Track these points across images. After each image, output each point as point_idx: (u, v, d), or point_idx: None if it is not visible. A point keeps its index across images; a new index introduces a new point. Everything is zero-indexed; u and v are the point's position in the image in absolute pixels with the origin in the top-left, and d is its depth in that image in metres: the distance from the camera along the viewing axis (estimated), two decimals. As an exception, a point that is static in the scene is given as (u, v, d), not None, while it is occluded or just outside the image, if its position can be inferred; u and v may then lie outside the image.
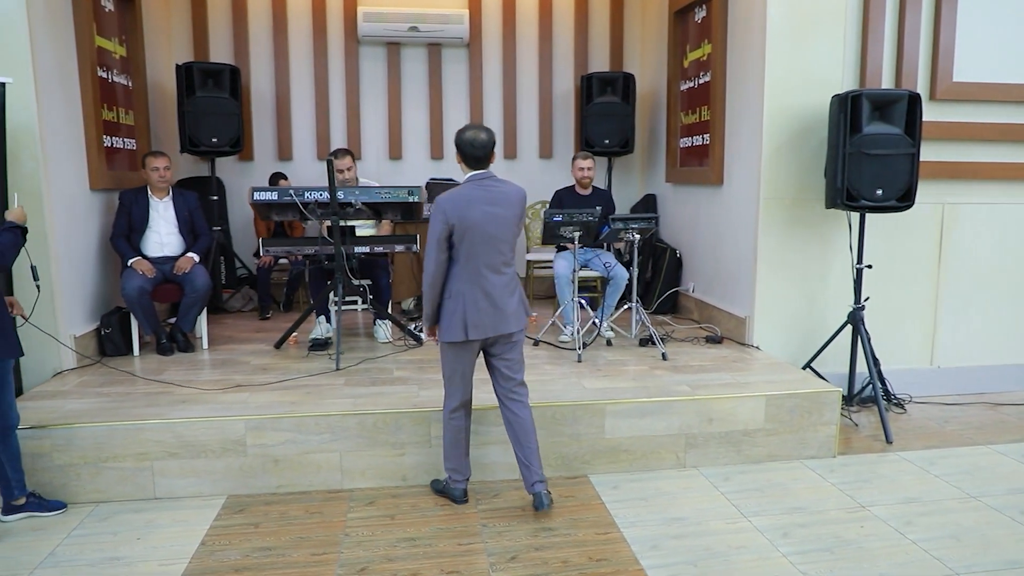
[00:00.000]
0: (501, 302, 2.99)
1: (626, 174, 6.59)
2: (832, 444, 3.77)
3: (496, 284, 2.97)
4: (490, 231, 2.92)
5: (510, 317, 3.01)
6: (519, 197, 3.02)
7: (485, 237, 2.91)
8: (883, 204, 4.05)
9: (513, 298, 3.03)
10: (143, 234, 4.50)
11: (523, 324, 3.09)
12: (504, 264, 3.01)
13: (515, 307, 3.03)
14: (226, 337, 4.95)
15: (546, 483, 3.10)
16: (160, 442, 3.26)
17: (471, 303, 2.93)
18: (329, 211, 4.02)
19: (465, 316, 2.92)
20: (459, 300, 2.93)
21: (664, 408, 3.58)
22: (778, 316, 4.57)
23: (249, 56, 6.07)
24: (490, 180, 2.98)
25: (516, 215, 3.01)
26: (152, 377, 3.94)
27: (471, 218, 2.87)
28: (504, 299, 3.00)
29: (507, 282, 3.02)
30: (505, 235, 2.97)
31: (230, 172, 6.13)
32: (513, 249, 3.05)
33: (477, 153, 2.94)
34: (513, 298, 3.03)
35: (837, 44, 4.38)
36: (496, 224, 2.93)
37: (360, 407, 3.45)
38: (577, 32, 6.44)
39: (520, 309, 3.07)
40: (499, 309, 2.97)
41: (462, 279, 2.94)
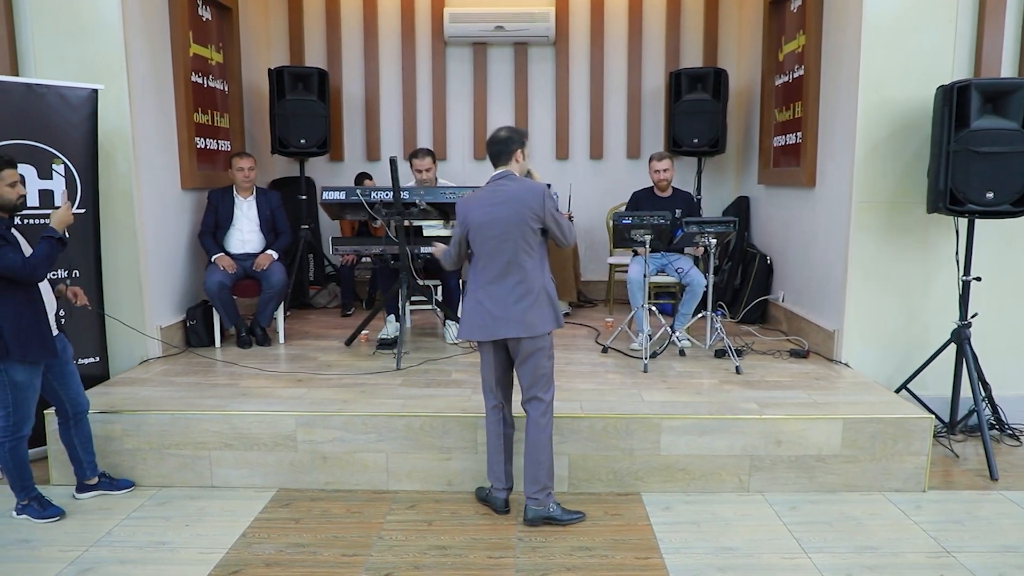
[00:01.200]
0: (502, 304, 2.90)
1: (719, 175, 6.25)
2: (922, 477, 3.38)
3: (500, 286, 2.90)
4: (492, 232, 2.87)
5: (512, 322, 2.89)
6: (532, 194, 2.88)
7: (487, 238, 2.90)
8: (994, 209, 3.58)
9: (522, 303, 2.88)
10: (227, 231, 4.72)
11: (532, 332, 2.90)
12: (511, 265, 2.88)
13: (522, 313, 2.88)
14: (304, 332, 5.11)
15: (541, 501, 2.98)
16: (217, 433, 3.38)
17: (474, 303, 2.97)
18: (393, 211, 4.04)
19: (471, 315, 2.98)
20: (469, 299, 3.01)
21: (726, 426, 3.33)
22: (872, 331, 4.16)
23: (341, 59, 6.25)
24: (503, 180, 2.93)
25: (522, 214, 2.86)
26: (224, 360, 4.12)
27: (473, 219, 2.92)
28: (506, 302, 2.90)
29: (514, 285, 2.89)
30: (510, 235, 2.85)
31: (321, 172, 6.34)
32: (528, 251, 2.88)
33: (490, 152, 3.00)
34: (522, 303, 2.88)
35: (947, 30, 3.93)
36: (498, 225, 2.87)
37: (409, 408, 3.43)
38: (669, 27, 6.17)
39: (533, 316, 2.90)
40: (499, 311, 2.89)
41: (473, 279, 3.01)
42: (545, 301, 2.93)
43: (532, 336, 2.90)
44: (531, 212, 2.87)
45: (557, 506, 3.02)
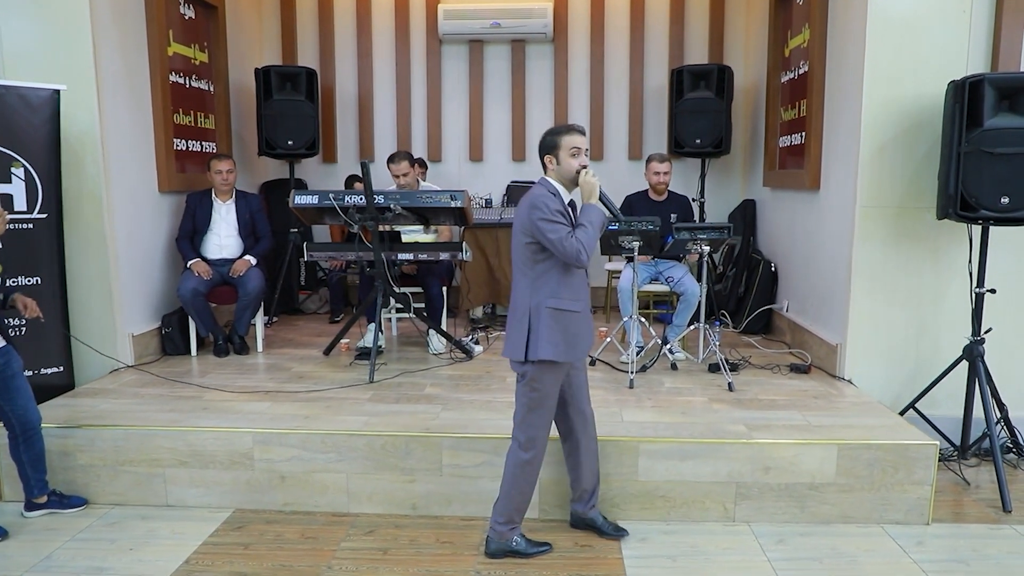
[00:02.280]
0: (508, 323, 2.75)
1: (724, 177, 5.97)
2: (925, 509, 3.09)
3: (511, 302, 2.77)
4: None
5: (506, 341, 2.73)
6: (522, 205, 2.65)
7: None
8: (1010, 215, 3.28)
9: (510, 322, 2.72)
10: (205, 236, 4.57)
11: (512, 356, 2.68)
12: (514, 281, 2.74)
13: (511, 333, 2.70)
14: (287, 340, 4.95)
15: (503, 534, 2.79)
16: (172, 450, 3.22)
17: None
18: (366, 216, 3.85)
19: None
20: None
21: (710, 451, 3.09)
22: (877, 345, 3.88)
23: (334, 58, 6.09)
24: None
25: (516, 228, 2.67)
26: (198, 370, 3.97)
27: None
28: (509, 320, 2.74)
29: (514, 304, 2.71)
30: (513, 250, 2.71)
31: (314, 174, 6.19)
32: (521, 267, 2.67)
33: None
34: (510, 322, 2.72)
35: (961, 21, 3.63)
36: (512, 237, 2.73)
37: (371, 426, 3.24)
38: (672, 22, 5.91)
39: (510, 338, 2.69)
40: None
41: None
42: (523, 326, 2.61)
43: (510, 359, 2.72)
44: (521, 225, 2.63)
45: (522, 539, 2.81)
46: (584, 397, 2.84)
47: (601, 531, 2.95)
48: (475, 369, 4.20)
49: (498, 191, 6.01)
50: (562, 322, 2.61)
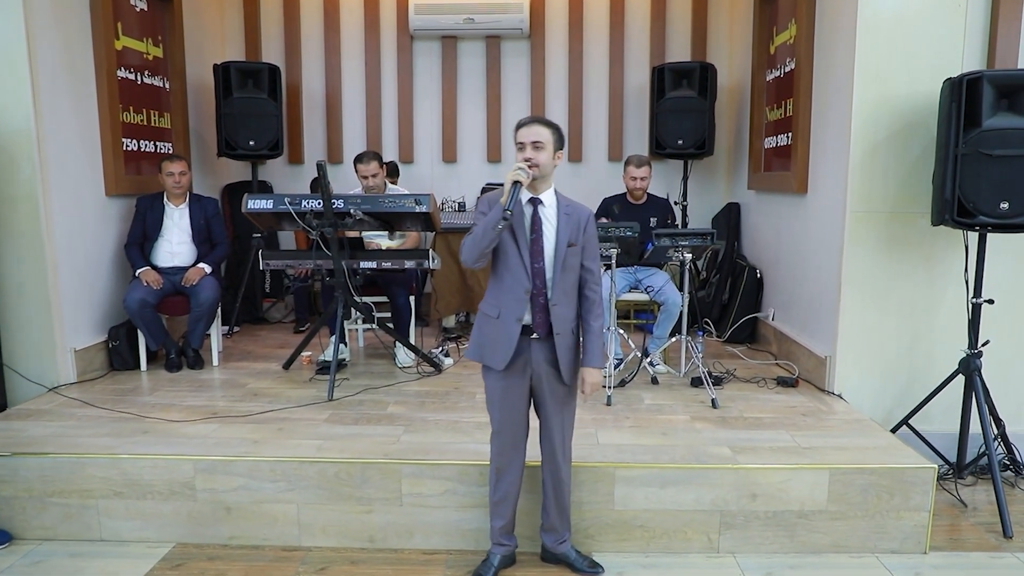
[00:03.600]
0: None
1: (708, 180, 5.76)
2: (923, 537, 2.88)
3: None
4: None
5: None
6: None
7: None
8: (1009, 221, 3.07)
9: None
10: (155, 242, 4.28)
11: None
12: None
13: None
14: (246, 352, 4.66)
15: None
16: (105, 479, 2.94)
17: None
18: (324, 222, 3.59)
19: None
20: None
21: (692, 477, 2.85)
22: (868, 358, 3.67)
23: (300, 54, 5.81)
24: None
25: None
26: (147, 386, 3.68)
27: None
28: None
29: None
30: None
31: (280, 175, 5.91)
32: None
33: None
34: None
35: (956, 16, 3.43)
36: None
37: (325, 451, 2.98)
38: (654, 18, 5.68)
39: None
40: None
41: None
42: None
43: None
44: None
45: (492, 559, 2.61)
46: (555, 424, 2.58)
47: (574, 567, 2.70)
48: (443, 384, 3.95)
49: (472, 193, 5.76)
50: (482, 326, 2.53)
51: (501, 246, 2.43)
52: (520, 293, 2.42)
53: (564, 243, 2.42)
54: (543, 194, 2.46)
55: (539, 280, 2.44)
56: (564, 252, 2.42)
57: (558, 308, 2.45)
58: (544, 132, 2.40)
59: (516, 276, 2.42)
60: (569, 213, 2.46)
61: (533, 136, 2.39)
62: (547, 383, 2.52)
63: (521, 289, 2.42)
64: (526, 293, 2.42)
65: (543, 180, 2.44)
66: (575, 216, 2.47)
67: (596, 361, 2.52)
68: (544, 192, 2.46)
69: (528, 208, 2.45)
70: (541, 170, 2.39)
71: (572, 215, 2.46)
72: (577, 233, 2.45)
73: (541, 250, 2.43)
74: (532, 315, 2.46)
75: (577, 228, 2.45)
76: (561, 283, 2.43)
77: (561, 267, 2.42)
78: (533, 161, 2.37)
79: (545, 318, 2.45)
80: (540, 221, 2.44)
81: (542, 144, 2.39)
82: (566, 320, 2.47)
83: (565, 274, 2.44)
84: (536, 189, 2.44)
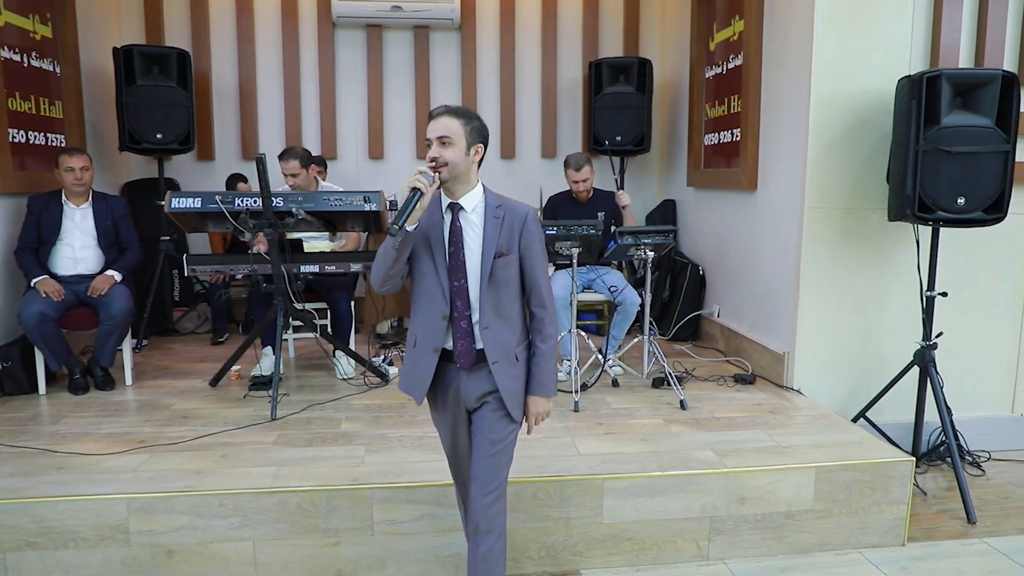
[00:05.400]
0: None
1: (641, 177, 5.73)
2: (901, 529, 2.90)
3: None
4: None
5: None
6: None
7: None
8: (965, 216, 3.16)
9: None
10: (54, 247, 3.75)
11: None
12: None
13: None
14: (162, 369, 4.18)
15: None
16: (15, 528, 2.48)
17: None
18: (263, 222, 3.23)
19: None
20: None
21: (682, 484, 2.74)
22: (825, 352, 3.70)
23: (209, 41, 5.31)
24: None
25: None
26: (49, 413, 3.18)
27: None
28: None
29: None
30: None
31: (188, 173, 5.38)
32: None
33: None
34: None
35: (903, 17, 3.50)
36: None
37: (282, 480, 2.64)
38: (586, 12, 5.59)
39: None
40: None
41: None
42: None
43: None
44: None
45: None
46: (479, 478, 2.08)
47: None
48: (393, 396, 3.66)
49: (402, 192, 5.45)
50: (406, 354, 2.17)
51: (415, 264, 2.04)
52: (436, 319, 2.03)
53: (491, 253, 1.99)
54: (464, 197, 2.00)
55: (460, 301, 2.01)
56: (491, 264, 1.99)
57: (492, 332, 2.01)
58: (453, 124, 1.95)
59: (432, 299, 2.03)
60: (500, 216, 2.01)
61: (439, 130, 1.95)
62: (482, 415, 2.09)
63: (437, 314, 2.02)
64: (443, 319, 2.02)
65: (460, 180, 1.98)
66: (509, 219, 2.02)
67: (544, 388, 2.09)
68: (465, 195, 2.00)
69: (446, 216, 2.02)
70: (451, 170, 1.94)
71: (505, 218, 2.01)
72: (510, 239, 2.01)
73: (462, 265, 2.00)
74: (454, 342, 2.04)
75: (510, 233, 2.01)
76: (492, 301, 2.00)
77: (489, 283, 1.99)
78: (440, 160, 1.93)
79: (469, 345, 2.02)
80: (460, 231, 2.00)
81: (450, 139, 1.94)
82: (505, 345, 2.04)
83: (497, 290, 2.00)
84: (453, 192, 1.99)
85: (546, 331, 2.09)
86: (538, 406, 2.13)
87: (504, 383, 2.04)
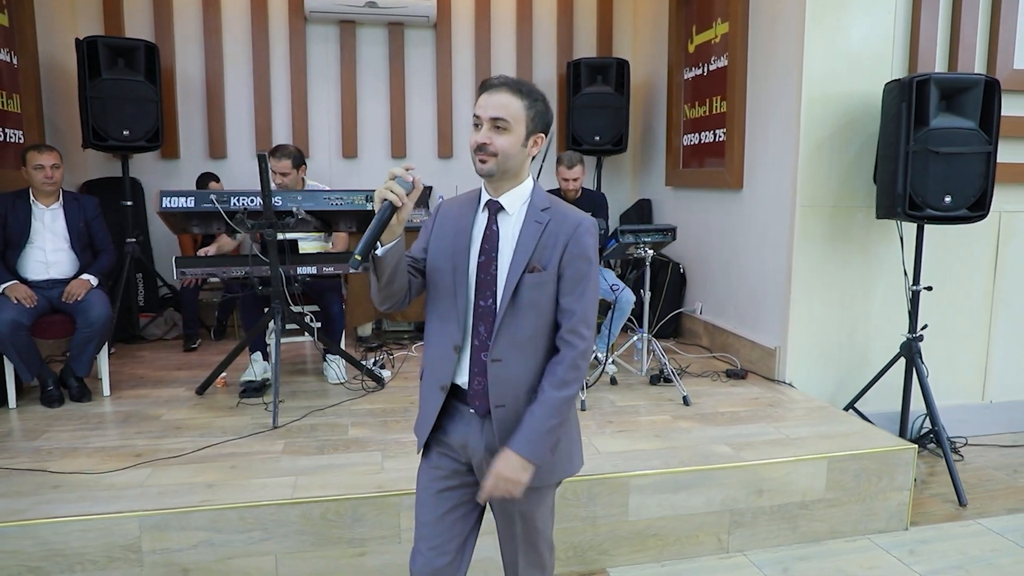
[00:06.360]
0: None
1: (615, 176, 5.79)
2: (904, 514, 3.02)
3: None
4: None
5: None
6: None
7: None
8: (952, 214, 3.31)
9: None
10: (23, 251, 3.51)
11: None
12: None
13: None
14: (137, 378, 3.97)
15: None
16: (16, 553, 2.30)
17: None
18: (263, 222, 3.10)
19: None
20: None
21: (703, 478, 2.77)
22: (815, 347, 3.82)
23: (173, 33, 5.08)
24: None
25: None
26: (23, 429, 2.97)
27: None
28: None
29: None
30: None
31: (151, 172, 5.13)
32: None
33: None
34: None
35: (885, 23, 3.64)
36: None
37: (303, 489, 2.55)
38: (560, 13, 5.61)
39: None
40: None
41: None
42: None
43: None
44: None
45: None
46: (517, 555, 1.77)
47: None
48: (394, 400, 3.58)
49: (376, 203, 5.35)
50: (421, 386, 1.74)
51: (432, 276, 1.65)
52: (446, 348, 1.62)
53: (521, 266, 1.57)
54: (507, 195, 1.61)
55: (485, 327, 1.60)
56: (518, 280, 1.57)
57: (503, 367, 1.59)
58: (514, 105, 1.54)
59: (445, 322, 1.63)
60: (543, 221, 1.59)
61: (495, 109, 1.53)
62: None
63: (448, 343, 1.62)
64: (455, 350, 1.61)
65: (509, 176, 1.59)
66: (555, 225, 1.59)
67: (528, 447, 1.56)
68: (509, 192, 1.61)
69: (481, 215, 1.64)
70: (501, 163, 1.55)
71: (549, 224, 1.59)
72: (550, 252, 1.58)
73: (494, 280, 1.59)
74: (469, 378, 1.62)
75: (552, 244, 1.58)
76: (511, 328, 1.58)
77: (511, 303, 1.58)
78: (489, 148, 1.54)
79: (485, 383, 1.61)
80: (497, 235, 1.61)
81: (507, 123, 1.53)
82: (515, 386, 1.60)
83: (519, 315, 1.58)
84: (498, 188, 1.61)
85: (563, 375, 1.57)
86: (507, 467, 1.56)
87: (507, 437, 1.59)
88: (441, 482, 1.69)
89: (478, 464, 1.66)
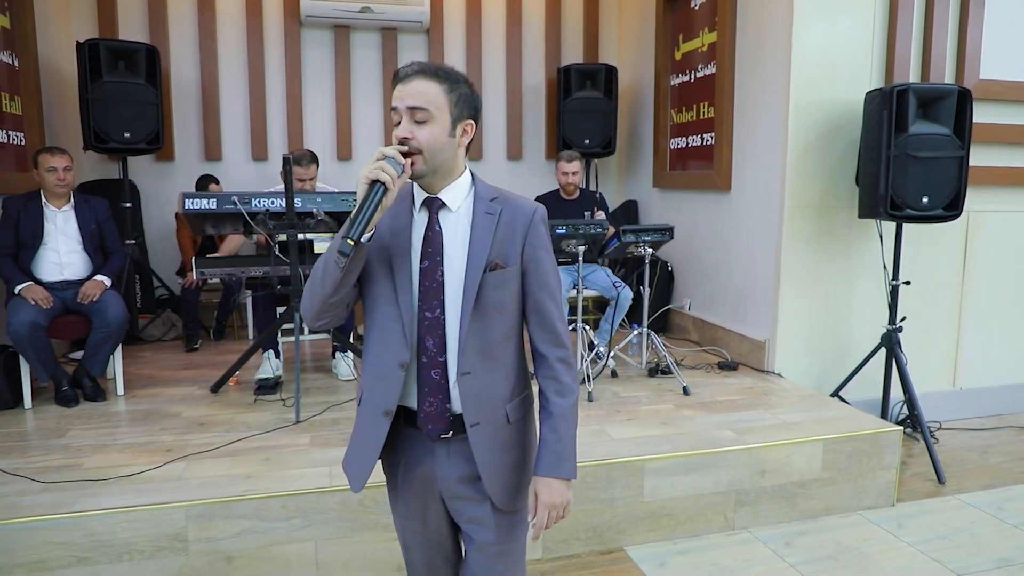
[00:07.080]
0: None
1: (603, 178, 5.97)
2: (891, 491, 3.26)
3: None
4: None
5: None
6: None
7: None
8: (929, 214, 3.58)
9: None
10: (36, 252, 3.55)
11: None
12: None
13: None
14: (145, 377, 4.02)
15: None
16: (65, 544, 2.38)
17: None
18: (285, 223, 3.20)
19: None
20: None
21: (712, 461, 2.97)
22: (802, 339, 4.05)
23: (168, 37, 5.11)
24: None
25: None
26: (43, 427, 3.02)
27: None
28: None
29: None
30: None
31: (146, 174, 5.16)
32: None
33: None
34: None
35: (865, 35, 3.90)
36: None
37: (339, 479, 2.66)
38: (549, 20, 5.78)
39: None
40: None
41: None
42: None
43: None
44: None
45: None
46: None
47: None
48: (406, 394, 3.71)
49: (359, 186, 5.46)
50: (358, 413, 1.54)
51: (366, 286, 1.45)
52: (390, 367, 1.42)
53: (480, 265, 1.41)
54: (445, 191, 1.44)
55: (433, 340, 1.41)
56: (479, 281, 1.41)
57: (472, 380, 1.42)
58: (431, 90, 1.37)
59: (386, 338, 1.43)
60: (495, 212, 1.44)
61: (412, 97, 1.37)
62: (467, 512, 1.50)
63: (392, 361, 1.42)
64: (400, 367, 1.42)
65: (441, 170, 1.42)
66: (509, 217, 1.44)
67: (562, 467, 1.45)
68: (447, 187, 1.44)
69: (419, 216, 1.45)
70: (429, 159, 1.38)
71: (502, 215, 1.44)
72: (509, 246, 1.43)
73: (440, 287, 1.41)
74: (419, 400, 1.44)
75: (510, 237, 1.44)
76: (477, 336, 1.42)
77: (475, 308, 1.41)
78: (413, 144, 1.37)
79: (441, 405, 1.43)
80: (440, 237, 1.43)
81: (427, 112, 1.37)
82: (489, 399, 1.45)
83: (485, 320, 1.42)
84: (432, 185, 1.44)
85: (564, 380, 1.47)
86: (553, 494, 1.44)
87: (487, 456, 1.44)
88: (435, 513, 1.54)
89: (450, 496, 1.50)
